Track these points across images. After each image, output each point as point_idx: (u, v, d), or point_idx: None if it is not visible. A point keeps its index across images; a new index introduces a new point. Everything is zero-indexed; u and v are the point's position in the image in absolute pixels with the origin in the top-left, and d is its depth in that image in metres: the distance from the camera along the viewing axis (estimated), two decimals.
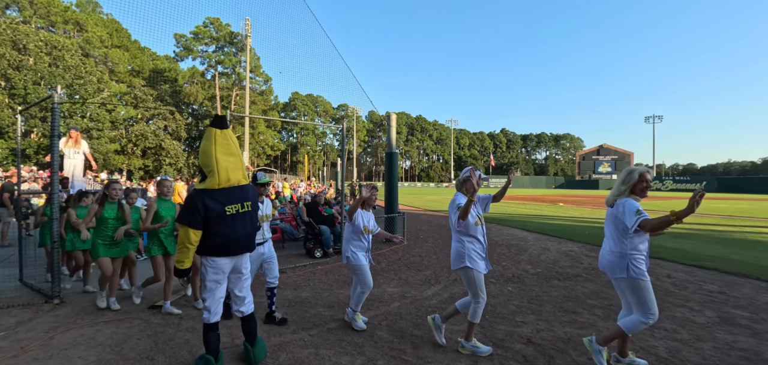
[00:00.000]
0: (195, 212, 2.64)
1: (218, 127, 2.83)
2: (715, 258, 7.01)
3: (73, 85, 34.35)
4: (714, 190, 51.77)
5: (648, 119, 69.48)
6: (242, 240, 2.85)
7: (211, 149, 2.75)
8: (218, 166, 2.74)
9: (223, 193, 2.75)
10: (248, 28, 32.90)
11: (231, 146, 2.84)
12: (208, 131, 2.82)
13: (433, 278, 5.85)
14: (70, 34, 40.23)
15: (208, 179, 2.75)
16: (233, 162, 2.82)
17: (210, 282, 2.79)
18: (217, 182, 2.73)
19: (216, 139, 2.78)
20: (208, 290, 2.79)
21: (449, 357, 3.17)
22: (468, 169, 3.23)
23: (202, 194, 2.70)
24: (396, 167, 9.75)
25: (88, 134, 36.72)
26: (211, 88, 55.61)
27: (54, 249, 4.38)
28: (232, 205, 2.77)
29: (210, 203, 2.68)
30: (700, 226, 12.29)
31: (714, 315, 4.21)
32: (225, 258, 2.80)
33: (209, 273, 2.78)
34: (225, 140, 2.81)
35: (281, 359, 3.11)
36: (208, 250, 2.75)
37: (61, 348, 3.25)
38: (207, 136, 2.81)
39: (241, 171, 2.89)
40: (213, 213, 2.68)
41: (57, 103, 4.41)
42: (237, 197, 2.81)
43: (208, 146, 2.76)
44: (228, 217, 2.75)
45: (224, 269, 2.83)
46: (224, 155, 2.78)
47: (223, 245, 2.75)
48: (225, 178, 2.76)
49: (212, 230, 2.70)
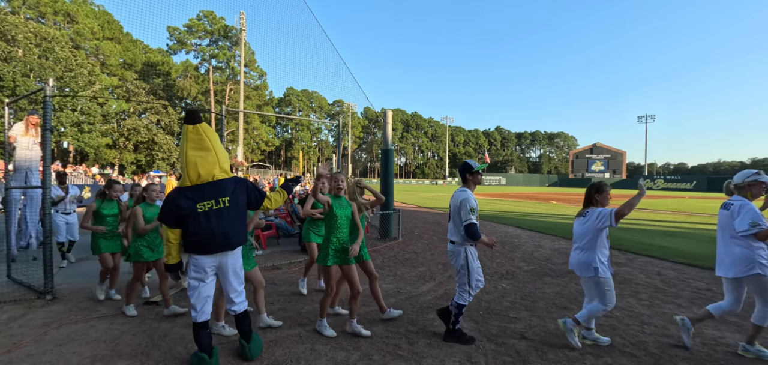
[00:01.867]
0: (168, 212, 2.69)
1: (189, 122, 2.76)
2: (704, 256, 7.14)
3: (64, 77, 33.80)
4: (704, 189, 52.52)
5: (641, 119, 70.27)
6: (218, 238, 2.72)
7: (183, 147, 2.77)
8: (187, 163, 2.72)
9: (194, 190, 2.71)
10: (243, 22, 32.62)
11: (204, 140, 2.75)
12: (182, 129, 2.83)
13: (428, 274, 5.89)
14: (60, 25, 39.51)
15: (182, 177, 2.80)
16: (203, 157, 2.73)
17: (192, 280, 2.78)
18: (187, 179, 2.72)
19: (188, 135, 2.76)
20: (190, 287, 2.79)
21: (444, 352, 3.21)
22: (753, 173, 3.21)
23: (176, 193, 2.73)
24: (391, 163, 9.75)
25: (79, 128, 36.23)
26: (205, 83, 55.06)
27: (45, 246, 4.34)
28: (204, 202, 2.70)
29: (181, 202, 2.66)
30: (691, 225, 12.50)
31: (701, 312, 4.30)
32: (205, 256, 2.76)
33: (192, 271, 2.78)
34: (197, 136, 2.75)
35: (277, 354, 3.12)
36: (189, 248, 2.76)
37: (55, 344, 3.24)
38: (182, 133, 2.84)
39: (216, 165, 2.78)
40: (185, 211, 2.66)
41: (49, 95, 4.36)
42: (211, 193, 2.73)
43: (182, 144, 2.80)
44: (200, 214, 2.69)
45: (206, 268, 2.77)
46: (195, 151, 2.73)
47: (200, 242, 2.71)
48: (194, 174, 2.71)
49: (189, 228, 2.70)
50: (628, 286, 5.28)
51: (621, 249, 7.85)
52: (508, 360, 3.11)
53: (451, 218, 3.46)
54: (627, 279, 5.66)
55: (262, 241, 7.82)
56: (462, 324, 3.53)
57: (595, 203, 3.31)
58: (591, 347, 3.35)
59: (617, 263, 6.65)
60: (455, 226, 3.38)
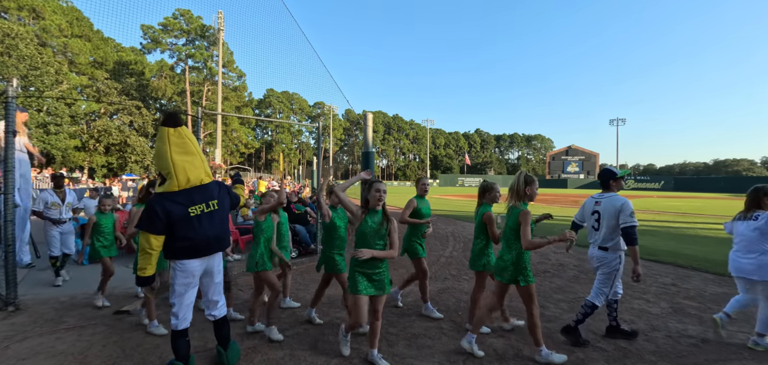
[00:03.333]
0: (155, 218, 2.53)
1: (170, 125, 2.68)
2: (670, 253, 7.51)
3: (28, 76, 32.04)
4: (671, 189, 55.09)
5: (613, 122, 72.95)
6: (212, 240, 2.75)
7: (165, 151, 2.62)
8: (175, 168, 2.61)
9: (184, 195, 2.64)
10: (221, 22, 31.89)
11: (187, 144, 2.70)
12: (160, 132, 2.67)
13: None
14: (25, 21, 37.48)
15: (166, 182, 2.63)
16: (191, 161, 2.69)
17: (179, 286, 2.70)
18: (176, 184, 2.62)
19: (169, 139, 2.64)
20: (177, 294, 2.70)
21: (424, 353, 3.24)
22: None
23: (161, 198, 2.58)
24: (373, 165, 9.74)
25: (45, 130, 34.47)
26: (181, 83, 53.51)
27: (7, 254, 4.12)
28: (195, 206, 2.67)
29: (171, 207, 2.57)
30: (658, 223, 13.09)
31: (667, 306, 4.53)
32: (194, 260, 2.71)
33: (178, 277, 2.69)
34: (179, 139, 2.67)
35: (255, 361, 3.08)
36: (176, 253, 2.66)
37: (18, 358, 3.07)
38: (160, 136, 2.67)
39: (202, 169, 2.76)
40: (175, 217, 2.57)
41: (11, 97, 4.15)
42: (201, 196, 2.71)
43: (162, 148, 2.63)
44: (192, 218, 2.65)
45: (194, 273, 2.73)
46: (181, 155, 2.65)
47: (191, 247, 2.66)
48: (184, 179, 2.64)
49: (177, 233, 2.61)
50: None
51: None
52: (486, 359, 3.17)
53: (602, 225, 3.42)
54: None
55: (241, 245, 7.68)
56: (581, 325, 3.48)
57: (765, 207, 3.38)
58: (562, 341, 3.45)
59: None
60: (609, 231, 3.35)
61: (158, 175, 2.76)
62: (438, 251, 7.93)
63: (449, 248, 8.38)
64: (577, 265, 6.64)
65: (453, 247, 8.47)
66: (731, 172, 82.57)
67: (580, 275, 6.00)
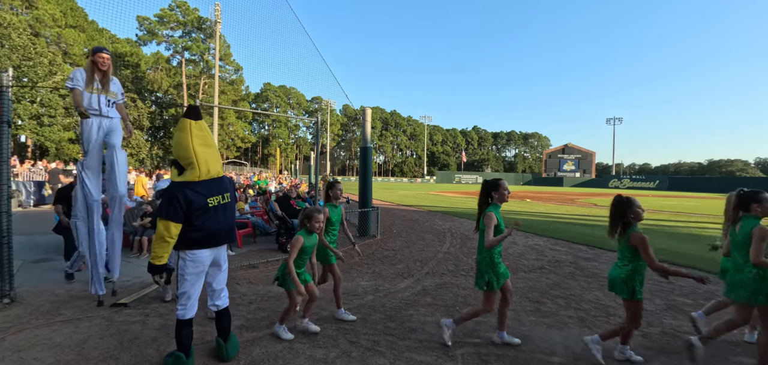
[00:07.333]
0: (177, 206, 2.59)
1: (192, 118, 2.79)
2: (665, 251, 7.57)
3: (21, 67, 31.60)
4: (666, 188, 55.53)
5: (609, 121, 73.51)
6: (224, 231, 2.86)
7: (187, 141, 2.71)
8: (198, 158, 2.71)
9: (204, 185, 2.74)
10: (218, 14, 31.60)
11: (207, 137, 2.83)
12: (182, 122, 2.77)
13: (406, 271, 5.96)
14: (17, 10, 36.89)
15: (187, 172, 2.70)
16: (212, 154, 2.82)
17: (190, 276, 2.74)
18: (198, 174, 2.71)
19: (192, 130, 2.74)
20: (187, 283, 2.73)
21: (422, 346, 3.27)
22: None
23: (182, 186, 2.65)
24: (370, 161, 9.78)
25: (39, 121, 34.09)
26: (177, 76, 52.97)
27: (2, 245, 4.08)
28: (213, 197, 2.76)
29: (192, 196, 2.64)
30: (653, 222, 13.21)
31: (662, 303, 4.59)
32: (206, 250, 2.77)
33: (189, 267, 2.73)
34: (201, 132, 2.79)
35: (254, 354, 3.08)
36: (189, 243, 2.70)
37: (14, 350, 3.06)
38: (181, 127, 2.75)
39: (219, 162, 2.89)
40: (195, 206, 2.65)
41: (5, 86, 4.09)
42: (218, 188, 2.82)
43: (184, 138, 2.72)
44: (210, 209, 2.73)
45: (205, 262, 2.79)
46: (202, 147, 2.76)
47: (205, 237, 2.73)
48: (205, 170, 2.74)
49: (194, 223, 2.67)
50: (595, 280, 5.54)
51: (588, 245, 8.23)
52: (484, 351, 3.20)
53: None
54: (594, 273, 5.93)
55: (238, 240, 7.66)
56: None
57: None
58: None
59: (585, 258, 6.97)
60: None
61: (173, 164, 2.79)
62: (435, 247, 7.96)
63: (446, 244, 8.42)
64: (572, 262, 6.70)
65: (450, 243, 8.51)
66: (725, 172, 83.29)
67: (576, 272, 6.05)
